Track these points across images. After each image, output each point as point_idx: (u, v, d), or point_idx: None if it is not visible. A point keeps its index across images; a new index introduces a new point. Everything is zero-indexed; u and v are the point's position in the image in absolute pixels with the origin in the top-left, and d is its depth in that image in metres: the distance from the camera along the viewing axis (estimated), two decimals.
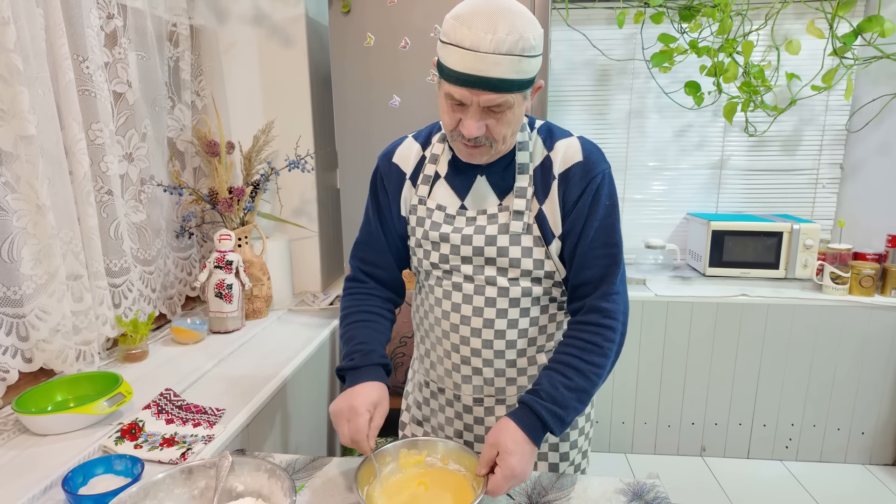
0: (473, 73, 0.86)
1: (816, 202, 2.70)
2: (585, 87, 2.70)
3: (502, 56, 0.84)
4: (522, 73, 0.87)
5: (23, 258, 1.28)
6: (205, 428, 1.22)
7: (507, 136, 0.96)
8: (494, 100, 0.88)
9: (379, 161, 1.14)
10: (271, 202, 2.23)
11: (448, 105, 0.93)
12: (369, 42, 1.95)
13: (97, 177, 1.50)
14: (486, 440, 0.91)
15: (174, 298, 1.92)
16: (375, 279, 1.16)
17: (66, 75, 1.35)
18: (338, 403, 0.98)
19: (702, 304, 2.36)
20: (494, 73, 0.85)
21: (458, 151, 1.00)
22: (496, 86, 0.87)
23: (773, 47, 2.50)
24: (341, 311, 1.14)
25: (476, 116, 0.91)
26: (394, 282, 1.17)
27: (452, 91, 0.89)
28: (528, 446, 0.89)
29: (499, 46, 0.84)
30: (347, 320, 1.11)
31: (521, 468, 0.87)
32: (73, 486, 0.95)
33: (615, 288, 0.99)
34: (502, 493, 0.87)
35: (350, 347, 1.06)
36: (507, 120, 0.93)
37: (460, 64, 0.86)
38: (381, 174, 1.12)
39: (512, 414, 0.93)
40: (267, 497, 0.91)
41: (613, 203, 1.01)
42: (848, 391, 2.37)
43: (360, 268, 1.16)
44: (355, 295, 1.15)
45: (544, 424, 0.91)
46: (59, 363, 1.37)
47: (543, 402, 0.91)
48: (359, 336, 1.07)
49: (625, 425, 2.52)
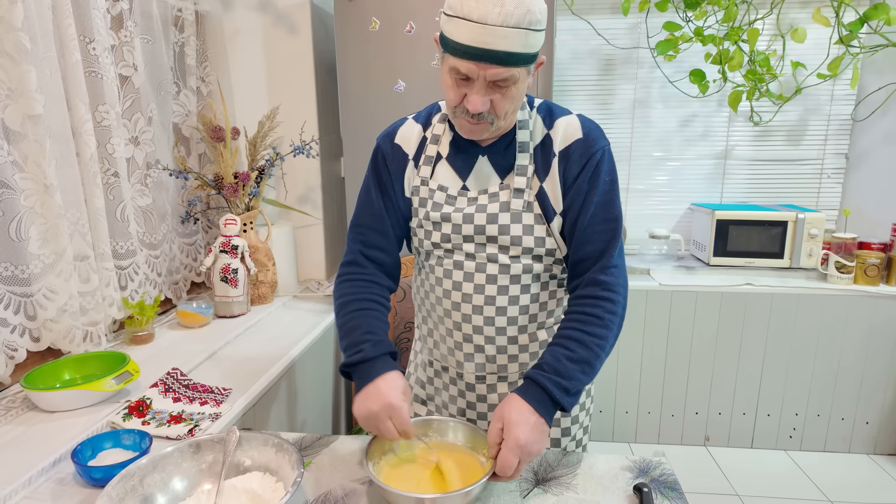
0: (481, 46, 0.85)
1: (821, 192, 2.69)
2: (590, 76, 2.69)
3: (510, 29, 0.84)
4: (529, 46, 0.87)
5: (30, 237, 1.28)
6: (211, 406, 1.22)
7: (510, 111, 0.95)
8: (501, 74, 0.88)
9: (380, 141, 1.12)
10: (276, 189, 2.23)
11: (453, 80, 0.92)
12: (374, 27, 1.95)
13: (104, 159, 1.51)
14: (493, 417, 0.91)
15: (179, 283, 1.92)
16: (376, 263, 1.11)
17: (72, 56, 1.35)
18: (368, 405, 0.91)
19: (706, 293, 2.36)
20: (502, 46, 0.85)
21: (459, 128, 0.99)
22: (503, 59, 0.86)
23: (779, 35, 2.49)
24: (339, 296, 1.07)
25: (482, 91, 0.90)
26: (394, 266, 1.13)
27: (458, 65, 0.89)
28: (533, 417, 0.88)
29: (507, 19, 0.83)
30: (349, 308, 1.04)
31: (527, 438, 0.85)
32: (82, 459, 0.96)
33: (614, 261, 0.98)
34: (511, 468, 0.84)
35: (356, 337, 0.99)
36: (512, 95, 0.92)
37: (468, 37, 0.85)
38: (384, 154, 1.10)
39: (517, 389, 0.93)
40: (274, 471, 0.91)
41: (613, 179, 1.01)
42: (852, 381, 2.36)
43: (362, 251, 1.10)
44: (355, 282, 1.08)
45: (551, 396, 0.90)
46: (67, 343, 1.38)
47: (547, 374, 0.91)
48: (364, 326, 1.01)
49: (628, 415, 2.52)
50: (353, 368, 0.97)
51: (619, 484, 0.94)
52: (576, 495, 0.91)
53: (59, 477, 0.97)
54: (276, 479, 0.90)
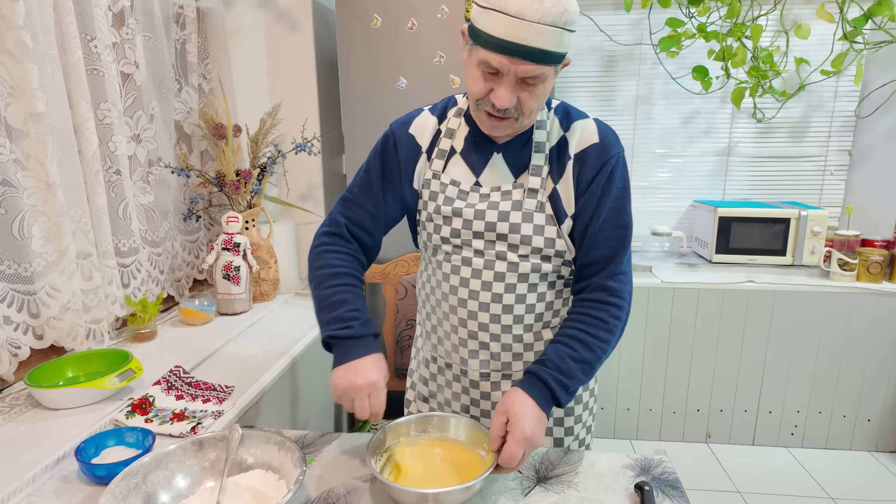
0: (516, 41, 0.84)
1: (824, 189, 2.68)
2: (592, 72, 2.68)
3: (546, 27, 0.84)
4: (561, 46, 0.87)
5: (33, 235, 1.28)
6: (214, 404, 1.23)
7: (535, 109, 0.95)
8: (532, 71, 0.87)
9: (394, 127, 1.10)
10: (278, 186, 2.23)
11: (480, 73, 0.91)
12: (376, 23, 1.95)
13: (106, 156, 1.51)
14: (496, 410, 0.92)
15: (182, 281, 1.93)
16: (359, 241, 1.10)
17: (74, 53, 1.35)
18: (352, 378, 0.93)
19: (708, 290, 2.36)
20: (537, 42, 0.84)
21: (480, 123, 0.98)
22: (537, 56, 0.86)
23: (783, 31, 2.47)
24: (320, 266, 1.05)
25: (510, 87, 0.90)
26: (372, 250, 1.12)
27: (490, 58, 0.88)
28: (536, 410, 0.90)
29: (544, 16, 0.83)
30: (335, 281, 1.02)
31: (532, 430, 0.88)
32: (85, 457, 0.96)
33: (622, 268, 0.99)
34: (516, 460, 0.86)
35: (344, 313, 0.99)
36: (539, 93, 0.92)
37: (503, 31, 0.84)
38: (396, 140, 1.08)
39: (519, 382, 0.94)
40: (277, 469, 0.92)
41: (626, 186, 1.01)
42: (854, 378, 2.36)
43: (348, 226, 1.09)
44: (340, 254, 1.07)
45: (551, 392, 0.92)
46: (70, 341, 1.38)
47: (549, 371, 0.92)
48: (352, 302, 1.01)
49: (630, 412, 2.52)
50: (338, 342, 0.98)
51: (620, 482, 0.94)
52: (577, 493, 0.91)
53: (63, 474, 0.98)
54: (278, 476, 0.90)
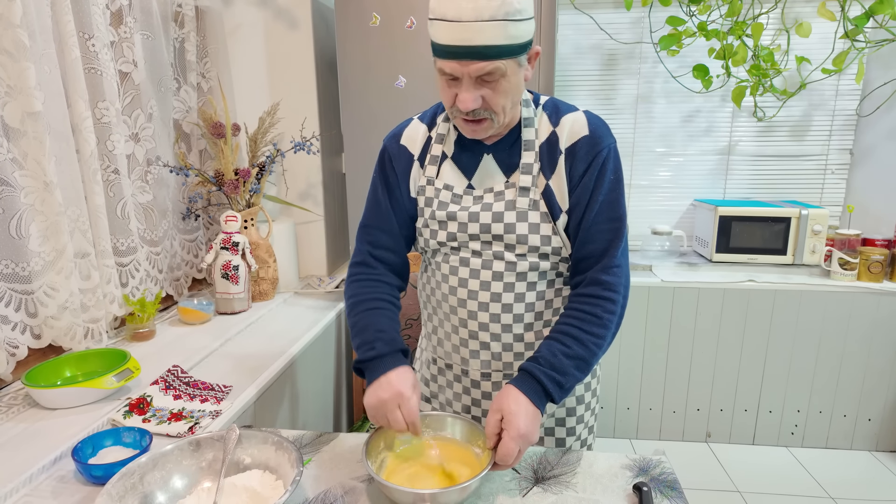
0: (459, 43, 0.86)
1: (825, 188, 2.68)
2: (592, 71, 2.67)
3: (485, 23, 0.84)
4: (511, 38, 0.87)
5: (31, 235, 1.28)
6: (212, 404, 1.22)
7: (507, 106, 0.95)
8: (484, 68, 0.88)
9: (386, 142, 1.13)
10: (277, 185, 2.23)
11: (444, 82, 0.93)
12: (375, 22, 1.94)
13: (104, 155, 1.50)
14: (490, 408, 0.92)
15: (181, 280, 1.93)
16: (385, 263, 1.12)
17: (72, 52, 1.35)
18: (378, 394, 0.93)
19: (708, 289, 2.35)
20: (479, 40, 0.85)
21: (461, 129, 1.00)
22: (483, 53, 0.86)
23: (784, 30, 2.47)
24: (349, 297, 1.09)
25: (469, 88, 0.90)
26: (402, 265, 1.15)
27: (443, 65, 0.90)
28: (531, 407, 0.90)
29: (481, 13, 0.83)
30: (360, 308, 1.05)
31: (527, 427, 0.88)
32: (82, 457, 0.96)
33: (616, 261, 0.99)
34: (512, 457, 0.86)
35: (368, 336, 1.00)
36: (504, 89, 0.92)
37: (446, 36, 0.86)
38: (390, 155, 1.11)
39: (513, 380, 0.94)
40: (274, 469, 0.92)
41: (618, 178, 1.01)
42: (855, 377, 2.36)
43: (371, 252, 1.11)
44: (364, 282, 1.09)
45: (544, 389, 0.91)
46: (68, 340, 1.38)
47: (542, 368, 0.92)
48: (375, 324, 1.02)
49: (630, 411, 2.52)
50: (366, 365, 0.98)
51: (618, 483, 0.94)
52: (575, 494, 0.91)
53: (60, 474, 0.98)
54: (275, 476, 0.90)
